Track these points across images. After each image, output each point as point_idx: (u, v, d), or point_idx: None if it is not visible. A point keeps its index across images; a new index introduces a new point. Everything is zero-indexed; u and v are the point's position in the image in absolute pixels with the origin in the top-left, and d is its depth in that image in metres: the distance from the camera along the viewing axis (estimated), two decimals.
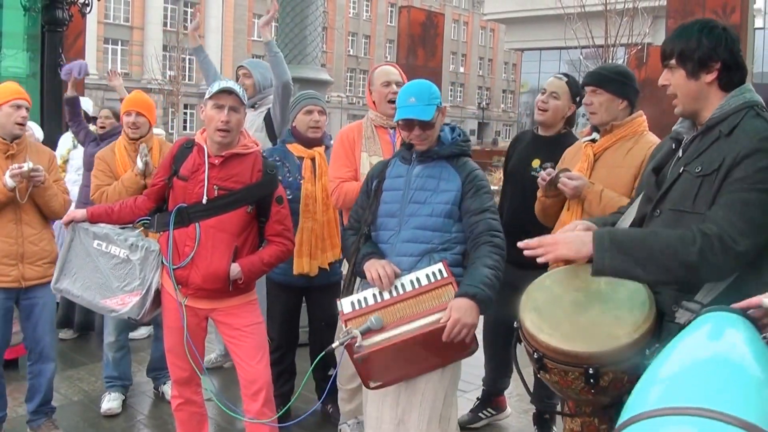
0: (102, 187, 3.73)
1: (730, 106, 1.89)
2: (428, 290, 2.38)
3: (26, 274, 3.34)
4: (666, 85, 1.99)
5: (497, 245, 2.42)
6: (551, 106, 3.34)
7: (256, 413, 2.90)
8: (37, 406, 3.52)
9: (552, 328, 1.93)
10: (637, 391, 1.28)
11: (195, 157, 2.87)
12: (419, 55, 15.88)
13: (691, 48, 1.90)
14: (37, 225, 3.40)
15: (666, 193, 1.96)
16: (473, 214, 2.48)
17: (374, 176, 2.72)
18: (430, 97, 2.53)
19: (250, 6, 45.84)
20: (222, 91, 2.78)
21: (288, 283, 3.60)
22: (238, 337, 2.94)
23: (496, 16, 37.76)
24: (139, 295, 2.81)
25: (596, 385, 1.85)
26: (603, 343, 1.84)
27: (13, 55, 8.03)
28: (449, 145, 2.61)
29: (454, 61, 59.70)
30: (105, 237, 2.89)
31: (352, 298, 2.49)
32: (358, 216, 2.72)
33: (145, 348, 4.81)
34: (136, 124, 3.78)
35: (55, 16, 7.10)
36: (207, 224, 2.81)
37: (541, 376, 2.02)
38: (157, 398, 4.14)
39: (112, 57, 38.95)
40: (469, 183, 2.53)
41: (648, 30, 18.81)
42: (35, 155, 3.43)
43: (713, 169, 1.83)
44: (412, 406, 2.44)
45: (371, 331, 2.31)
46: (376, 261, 2.50)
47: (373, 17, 55.21)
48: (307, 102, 3.64)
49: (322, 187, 3.57)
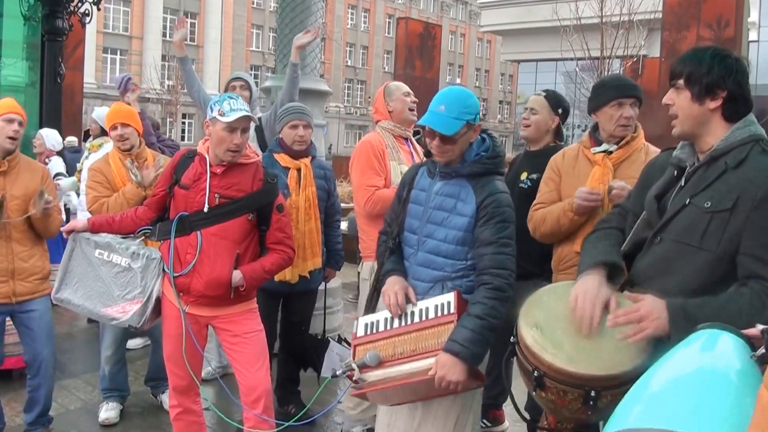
0: (100, 199, 3.69)
1: (735, 138, 1.89)
2: (431, 326, 2.33)
3: (17, 290, 3.31)
4: (669, 104, 2.00)
5: (496, 287, 2.28)
6: (532, 120, 3.46)
7: (256, 421, 2.91)
8: (35, 417, 3.51)
9: (555, 347, 1.91)
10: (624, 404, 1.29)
11: (197, 166, 2.90)
12: (417, 66, 15.93)
13: (701, 72, 1.91)
14: (27, 242, 3.35)
15: (668, 222, 1.95)
16: (481, 245, 2.34)
17: (406, 182, 2.62)
18: (462, 110, 2.34)
19: (248, 17, 46.02)
20: (241, 118, 2.79)
21: (269, 290, 3.62)
22: (239, 344, 2.95)
23: (492, 27, 37.94)
24: (140, 303, 2.82)
25: (594, 407, 1.86)
26: (608, 367, 1.84)
27: (13, 64, 8.05)
28: (470, 162, 2.41)
29: (451, 72, 59.92)
30: (107, 246, 2.90)
31: (367, 319, 2.49)
32: (391, 219, 2.67)
33: (141, 358, 4.80)
34: (123, 135, 3.74)
35: (55, 25, 7.14)
36: (209, 232, 2.83)
37: (536, 394, 2.00)
38: (155, 407, 4.13)
39: (111, 66, 39.04)
40: (483, 209, 2.35)
41: (643, 42, 18.97)
42: (28, 173, 3.37)
43: (725, 208, 1.82)
44: (427, 420, 2.45)
45: (368, 367, 2.32)
46: (393, 284, 2.46)
47: (371, 28, 55.44)
48: (293, 117, 3.70)
49: (306, 197, 3.66)
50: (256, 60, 46.11)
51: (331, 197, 3.97)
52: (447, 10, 60.73)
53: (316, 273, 3.80)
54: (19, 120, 3.30)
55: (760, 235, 1.78)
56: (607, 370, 1.84)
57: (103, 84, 36.21)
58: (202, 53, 41.71)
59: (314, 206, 3.70)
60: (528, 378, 2.01)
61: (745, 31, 10.92)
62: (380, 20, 55.72)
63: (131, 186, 3.66)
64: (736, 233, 1.81)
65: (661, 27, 11.87)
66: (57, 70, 7.44)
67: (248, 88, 4.43)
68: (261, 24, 46.88)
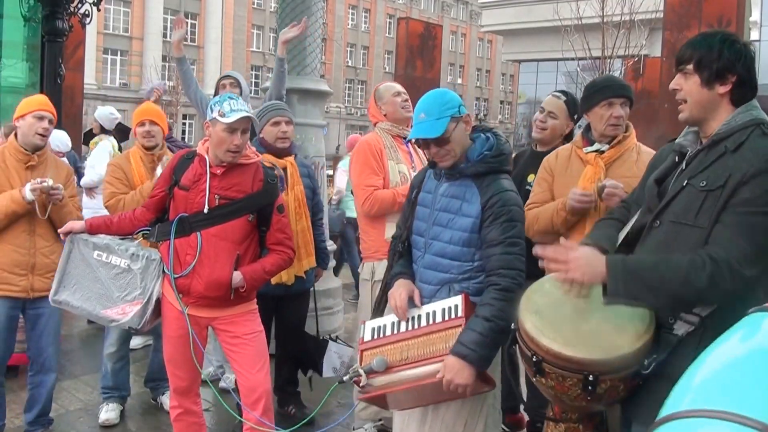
0: (117, 195, 3.72)
1: (736, 122, 1.90)
2: (439, 330, 2.31)
3: (35, 285, 3.35)
4: (677, 89, 1.99)
5: (504, 288, 2.25)
6: (549, 125, 3.41)
7: (256, 422, 2.90)
8: (35, 417, 3.51)
9: (554, 332, 1.92)
10: (676, 391, 1.27)
11: (196, 167, 2.89)
12: (417, 66, 15.93)
13: (712, 57, 1.90)
14: (50, 238, 3.40)
15: (667, 205, 1.96)
16: (489, 246, 2.31)
17: (415, 185, 2.62)
18: (441, 109, 2.34)
19: (249, 18, 46.02)
20: (242, 118, 2.78)
21: (265, 292, 3.59)
22: (239, 346, 2.94)
23: (493, 27, 37.91)
24: (140, 305, 2.81)
25: (593, 393, 1.86)
26: (606, 351, 1.85)
27: (13, 65, 8.05)
28: (474, 162, 2.39)
29: (452, 73, 59.91)
30: (106, 247, 2.89)
31: (374, 323, 2.48)
32: (401, 222, 2.67)
33: (141, 358, 4.79)
34: (150, 132, 3.82)
35: (55, 26, 7.12)
36: (209, 233, 2.82)
37: (536, 381, 2.01)
38: (155, 409, 4.12)
39: (112, 67, 39.09)
40: (488, 209, 2.32)
41: (644, 42, 18.94)
42: (55, 170, 3.44)
43: (718, 185, 1.82)
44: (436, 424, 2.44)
45: (375, 373, 2.31)
46: (399, 287, 2.46)
47: (371, 29, 55.44)
48: (275, 114, 3.70)
49: (295, 196, 3.66)
50: (257, 60, 46.13)
51: (316, 195, 3.97)
52: (448, 10, 60.72)
53: (310, 273, 3.81)
54: (50, 117, 3.39)
55: (734, 215, 1.78)
56: (604, 354, 1.84)
57: (104, 85, 36.25)
58: (202, 54, 41.72)
59: (303, 205, 3.71)
60: (528, 364, 2.01)
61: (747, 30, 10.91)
62: (381, 20, 55.71)
63: (150, 184, 3.66)
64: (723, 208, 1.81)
65: (662, 26, 11.88)
66: (57, 71, 7.42)
67: (238, 85, 4.40)
68: (261, 24, 46.88)
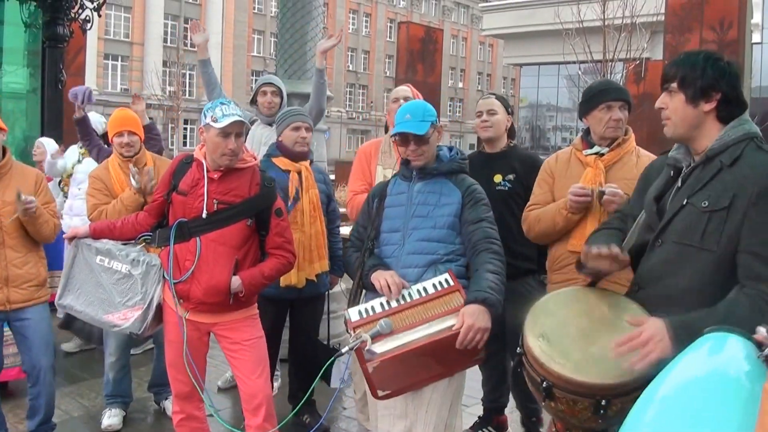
0: (99, 206, 3.68)
1: (729, 137, 1.91)
2: (436, 297, 2.41)
3: (11, 297, 3.25)
4: (662, 108, 2.02)
5: (496, 252, 2.49)
6: (493, 121, 3.51)
7: (258, 428, 2.89)
8: (38, 424, 3.49)
9: (563, 357, 1.90)
10: (635, 411, 1.29)
11: (194, 172, 2.89)
12: (418, 71, 15.96)
13: (695, 75, 1.93)
14: (21, 248, 3.29)
15: (668, 224, 1.96)
16: (471, 224, 2.57)
17: (375, 195, 2.81)
18: (424, 114, 2.66)
19: (249, 23, 46.14)
20: (234, 122, 2.77)
21: (276, 296, 3.60)
22: (239, 351, 2.93)
23: (494, 31, 37.97)
24: (141, 310, 2.81)
25: (604, 416, 1.85)
26: (618, 374, 1.83)
27: (14, 71, 8.07)
28: (448, 161, 2.72)
29: (453, 77, 59.99)
30: (107, 252, 2.89)
31: (359, 307, 2.50)
32: (360, 234, 2.79)
33: (144, 363, 4.78)
34: (130, 143, 3.75)
35: (55, 32, 7.15)
36: (207, 238, 2.82)
37: (545, 405, 1.99)
38: (158, 414, 4.11)
39: (112, 73, 39.15)
40: (468, 195, 2.63)
41: (646, 45, 18.92)
42: (20, 178, 3.31)
43: (722, 206, 1.83)
44: (419, 417, 2.46)
45: (381, 336, 2.29)
46: (383, 271, 2.53)
47: (372, 33, 55.54)
48: (295, 119, 3.72)
49: (309, 199, 3.65)
50: (258, 65, 46.22)
51: (331, 202, 3.96)
52: (448, 14, 60.82)
53: (323, 276, 3.77)
54: None
55: (758, 231, 1.79)
56: (616, 378, 1.82)
57: (105, 90, 36.30)
58: None
59: (318, 208, 3.69)
60: (536, 389, 2.00)
61: (748, 33, 10.91)
62: (381, 25, 55.81)
63: (129, 192, 3.64)
64: (734, 231, 1.82)
65: (663, 30, 11.88)
66: (58, 77, 7.45)
67: (279, 94, 4.33)
68: (262, 29, 47.00)
